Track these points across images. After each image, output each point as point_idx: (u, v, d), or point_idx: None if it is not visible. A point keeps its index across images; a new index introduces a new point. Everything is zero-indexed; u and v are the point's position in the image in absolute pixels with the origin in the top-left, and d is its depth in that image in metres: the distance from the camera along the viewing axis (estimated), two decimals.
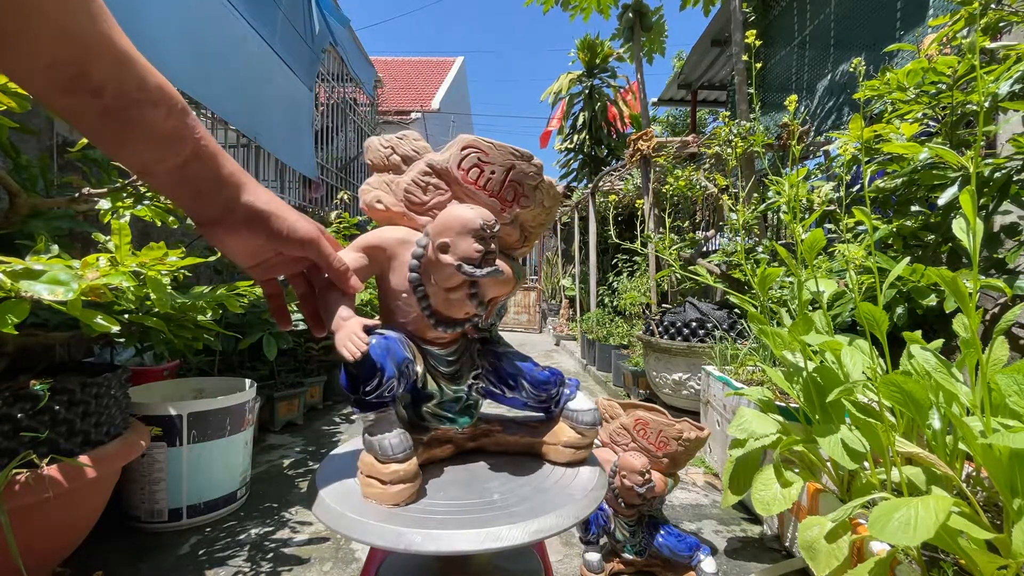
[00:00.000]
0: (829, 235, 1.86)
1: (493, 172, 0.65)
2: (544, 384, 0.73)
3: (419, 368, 0.66)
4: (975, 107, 1.50)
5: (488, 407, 0.80)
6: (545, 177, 0.67)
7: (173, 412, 1.49)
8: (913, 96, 1.61)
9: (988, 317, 1.41)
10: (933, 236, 1.55)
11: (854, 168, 1.85)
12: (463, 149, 0.65)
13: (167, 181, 0.47)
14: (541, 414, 0.77)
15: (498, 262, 0.64)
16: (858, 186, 1.90)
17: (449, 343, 0.71)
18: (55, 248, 0.97)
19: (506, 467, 0.73)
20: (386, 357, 0.61)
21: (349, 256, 0.65)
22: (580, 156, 8.28)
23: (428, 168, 0.67)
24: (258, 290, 1.47)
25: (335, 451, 0.79)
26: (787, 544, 1.41)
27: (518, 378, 0.72)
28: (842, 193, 1.20)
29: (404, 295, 0.66)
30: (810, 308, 1.32)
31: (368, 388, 0.60)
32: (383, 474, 0.60)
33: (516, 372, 0.72)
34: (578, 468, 0.72)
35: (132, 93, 0.41)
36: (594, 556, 1.30)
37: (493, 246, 0.62)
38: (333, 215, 3.29)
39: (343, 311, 0.61)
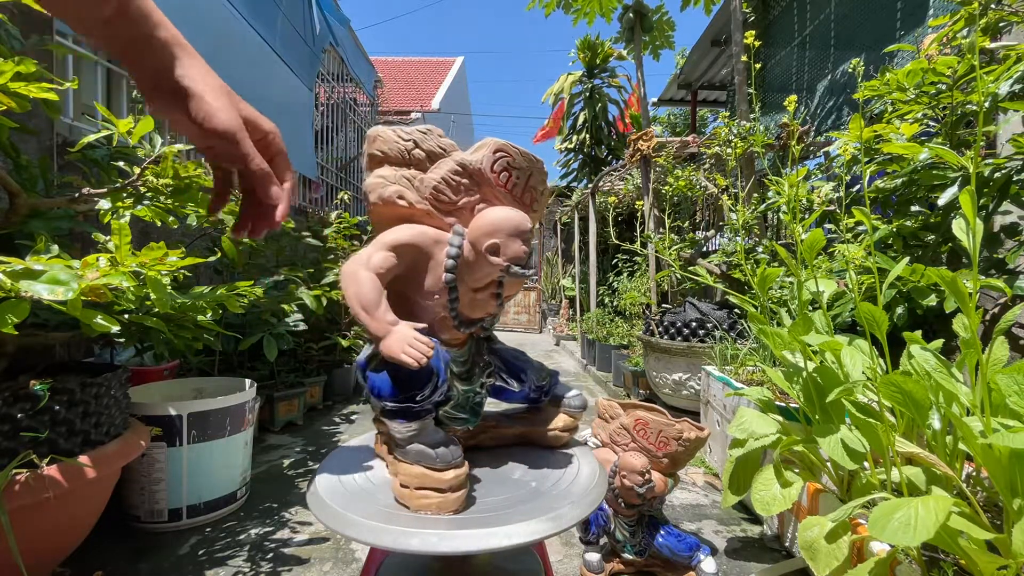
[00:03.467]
0: (829, 235, 1.86)
1: (519, 177, 0.66)
2: (546, 373, 0.77)
3: None
4: (975, 107, 1.50)
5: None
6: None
7: (173, 412, 1.49)
8: (913, 96, 1.61)
9: (988, 317, 1.41)
10: (933, 236, 1.55)
11: (854, 168, 1.85)
12: (495, 152, 0.65)
13: (99, 38, 0.45)
14: (528, 405, 0.80)
15: None
16: (858, 186, 1.90)
17: (462, 343, 0.71)
18: (55, 248, 0.97)
19: (505, 468, 0.73)
20: (439, 360, 0.60)
21: (378, 256, 0.63)
22: (580, 156, 8.28)
23: (460, 167, 0.66)
24: (258, 290, 1.46)
25: (335, 451, 0.79)
26: (787, 544, 1.41)
27: (527, 371, 0.74)
28: (842, 193, 1.21)
29: (436, 296, 0.66)
30: (810, 308, 1.32)
31: (423, 395, 0.59)
32: (443, 482, 0.59)
33: (525, 365, 0.75)
34: (578, 468, 0.72)
35: None
36: (594, 556, 1.30)
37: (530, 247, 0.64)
38: (333, 215, 3.29)
39: (386, 314, 0.60)
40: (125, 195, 1.24)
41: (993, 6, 1.54)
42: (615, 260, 5.11)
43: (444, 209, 0.67)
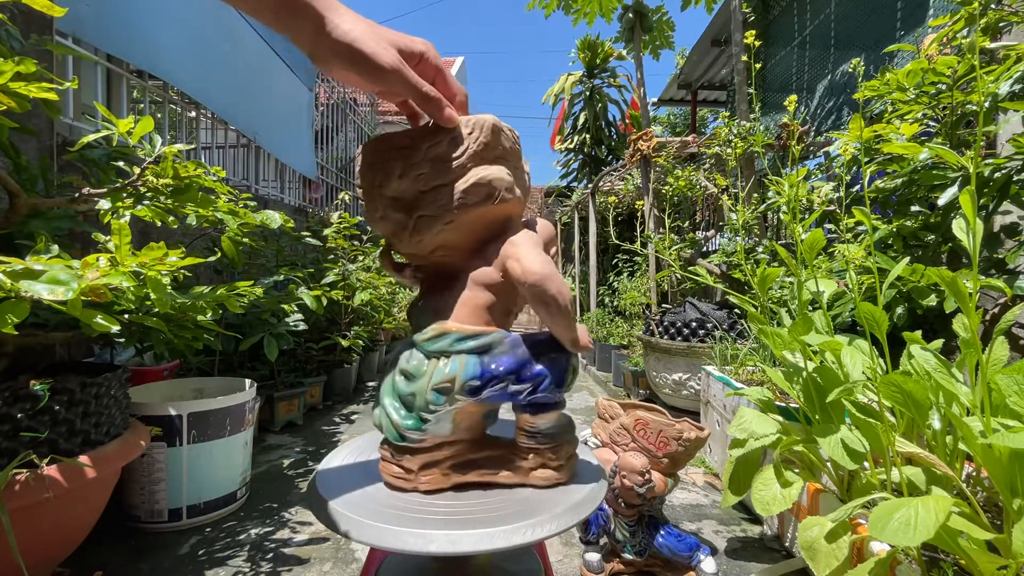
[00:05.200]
0: (829, 235, 1.86)
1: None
2: None
3: None
4: (975, 107, 1.50)
5: None
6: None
7: (173, 412, 1.49)
8: (913, 96, 1.61)
9: (988, 317, 1.41)
10: (933, 236, 1.55)
11: (854, 168, 1.85)
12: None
13: (266, 18, 0.47)
14: None
15: None
16: (858, 186, 1.90)
17: None
18: (55, 248, 0.97)
19: None
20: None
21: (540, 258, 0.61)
22: (580, 156, 8.28)
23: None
24: (258, 290, 1.47)
25: (335, 451, 0.79)
26: (787, 544, 1.41)
27: None
28: (842, 193, 1.21)
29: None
30: (810, 308, 1.32)
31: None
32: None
33: None
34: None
35: None
36: (594, 556, 1.30)
37: None
38: (335, 216, 3.29)
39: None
40: (125, 195, 1.24)
41: (993, 6, 1.54)
42: (615, 260, 5.11)
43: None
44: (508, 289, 0.62)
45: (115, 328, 0.90)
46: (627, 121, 8.18)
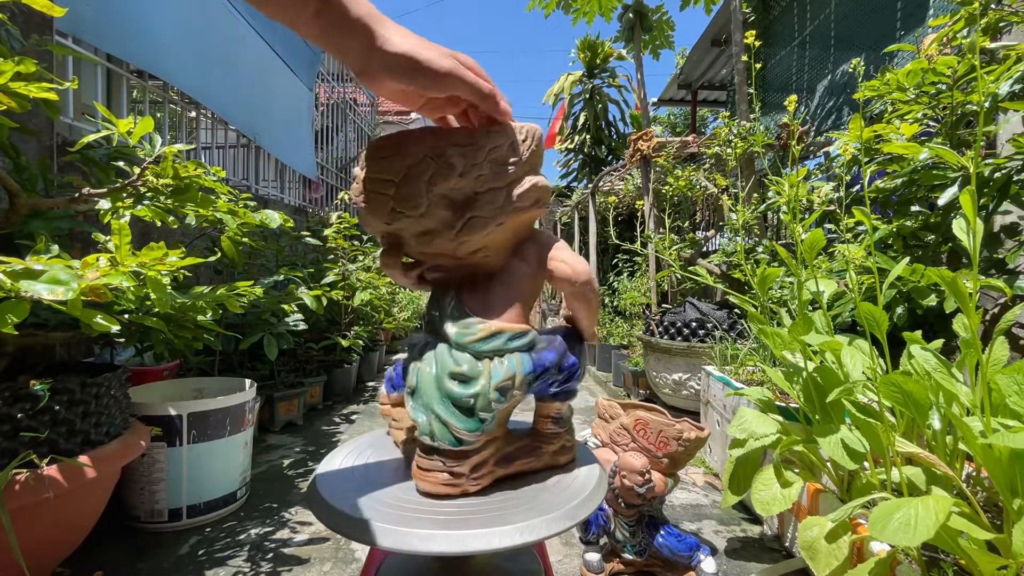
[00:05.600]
0: (829, 235, 1.86)
1: None
2: None
3: None
4: (975, 107, 1.50)
5: None
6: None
7: (173, 412, 1.49)
8: (913, 96, 1.61)
9: (988, 317, 1.41)
10: (933, 236, 1.55)
11: (854, 168, 1.85)
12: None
13: (313, 34, 0.48)
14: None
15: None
16: (858, 186, 1.90)
17: None
18: (55, 248, 0.97)
19: None
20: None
21: None
22: (580, 156, 8.28)
23: None
24: (258, 290, 1.47)
25: (335, 451, 0.79)
26: (787, 544, 1.41)
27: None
28: (842, 193, 1.21)
29: None
30: (810, 308, 1.32)
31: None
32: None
33: None
34: (577, 469, 0.72)
35: None
36: (594, 556, 1.30)
37: None
38: (334, 216, 3.29)
39: None
40: (125, 195, 1.24)
41: (993, 6, 1.54)
42: (615, 260, 5.11)
43: None
44: (537, 289, 0.69)
45: (115, 328, 0.90)
46: (627, 121, 8.19)
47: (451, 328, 0.63)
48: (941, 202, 1.44)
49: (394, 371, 0.76)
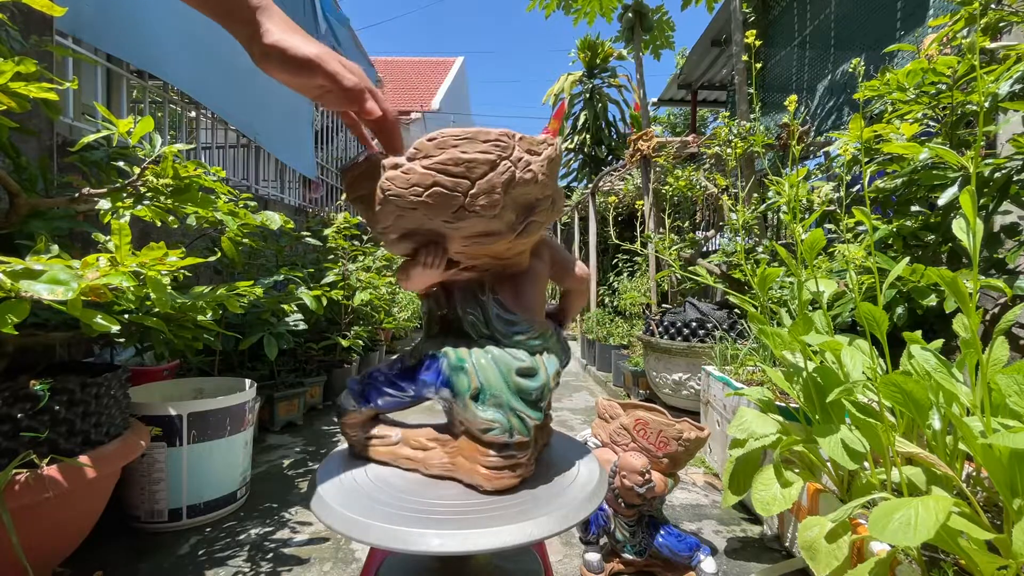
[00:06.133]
0: (829, 235, 1.86)
1: None
2: None
3: None
4: (975, 107, 1.50)
5: None
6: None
7: (173, 412, 1.49)
8: (913, 96, 1.61)
9: (988, 317, 1.41)
10: (933, 236, 1.55)
11: (854, 168, 1.85)
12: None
13: (205, 7, 0.51)
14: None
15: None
16: (858, 186, 1.90)
17: None
18: (55, 248, 0.97)
19: None
20: None
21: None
22: (580, 156, 8.28)
23: None
24: (258, 290, 1.47)
25: (336, 451, 0.79)
26: (787, 544, 1.41)
27: None
28: (842, 193, 1.21)
29: None
30: (810, 308, 1.32)
31: None
32: None
33: None
34: (578, 468, 0.72)
35: None
36: (594, 556, 1.30)
37: None
38: (340, 217, 3.28)
39: None
40: (125, 195, 1.24)
41: (993, 6, 1.54)
42: (615, 260, 5.11)
43: None
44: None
45: (115, 328, 0.90)
46: (627, 121, 8.19)
47: (504, 327, 0.67)
48: (941, 202, 1.44)
49: (363, 385, 0.72)
